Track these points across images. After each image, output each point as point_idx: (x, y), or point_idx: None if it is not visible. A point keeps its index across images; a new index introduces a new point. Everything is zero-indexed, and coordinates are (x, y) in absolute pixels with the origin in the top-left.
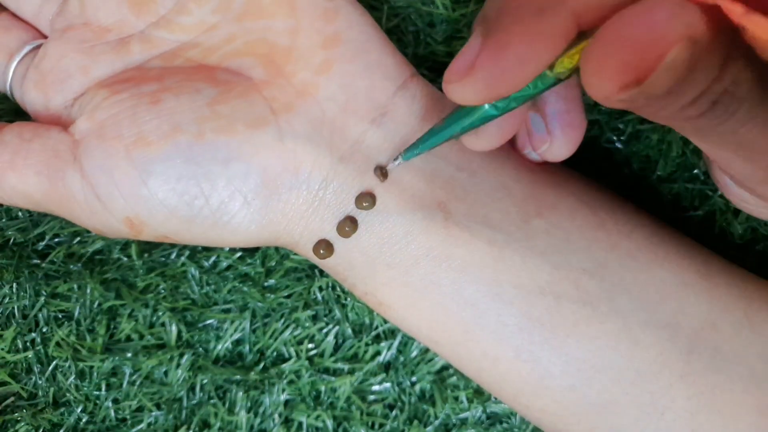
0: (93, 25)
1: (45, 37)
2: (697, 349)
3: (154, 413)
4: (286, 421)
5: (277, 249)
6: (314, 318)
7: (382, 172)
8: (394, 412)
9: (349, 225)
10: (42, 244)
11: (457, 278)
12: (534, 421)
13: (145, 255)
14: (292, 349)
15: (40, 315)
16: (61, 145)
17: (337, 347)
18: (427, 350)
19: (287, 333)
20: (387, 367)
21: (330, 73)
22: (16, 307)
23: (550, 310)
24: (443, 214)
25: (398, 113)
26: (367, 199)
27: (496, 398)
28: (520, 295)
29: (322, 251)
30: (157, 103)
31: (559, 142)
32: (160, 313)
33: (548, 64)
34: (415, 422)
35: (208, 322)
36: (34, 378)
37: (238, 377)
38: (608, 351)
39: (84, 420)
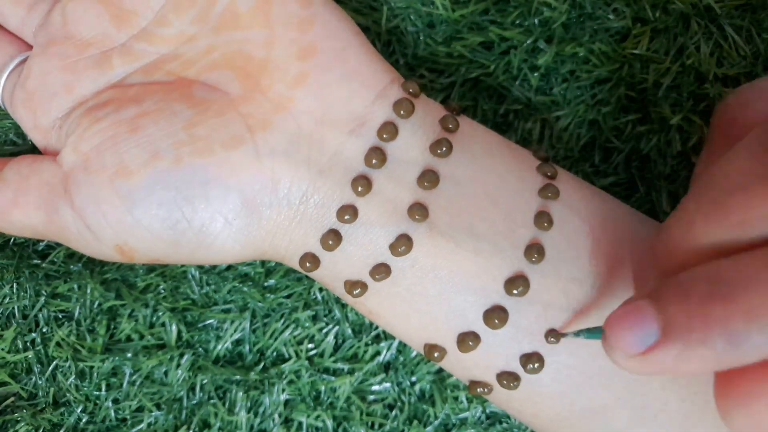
0: (75, 39)
1: (31, 47)
2: None
3: (154, 413)
4: (286, 421)
5: None
6: (314, 318)
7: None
8: (393, 412)
9: (332, 238)
10: (42, 244)
11: (444, 288)
12: (528, 424)
13: None
14: (291, 349)
15: (40, 315)
16: (53, 179)
17: (336, 347)
18: None
19: (287, 333)
20: (387, 367)
21: (306, 85)
22: (16, 307)
23: (539, 318)
24: (427, 225)
25: (377, 122)
26: (348, 212)
27: None
28: (508, 304)
29: (308, 264)
30: (136, 131)
31: None
32: (160, 313)
33: None
34: (415, 422)
35: (208, 322)
36: (34, 378)
37: (238, 377)
38: (599, 357)
39: (84, 420)
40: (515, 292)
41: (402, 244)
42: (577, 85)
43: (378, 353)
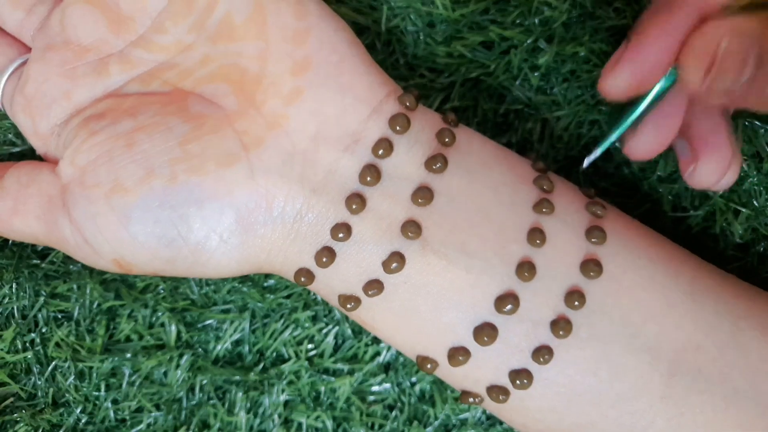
0: (73, 45)
1: (30, 49)
2: (679, 371)
3: (153, 414)
4: (286, 422)
5: None
6: (314, 318)
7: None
8: (393, 413)
9: (326, 255)
10: None
11: (435, 305)
12: None
13: None
14: (291, 350)
15: (39, 315)
16: (52, 190)
17: (336, 348)
18: None
19: (287, 333)
20: (387, 367)
21: (300, 101)
22: (15, 308)
23: (528, 336)
24: (420, 242)
25: (372, 139)
26: (342, 230)
27: None
28: (498, 321)
29: (302, 279)
30: (132, 147)
31: (704, 164)
32: (160, 314)
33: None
34: (415, 423)
35: (208, 322)
36: (33, 378)
37: (237, 378)
38: (587, 375)
39: (83, 421)
40: (505, 310)
41: (394, 261)
42: (577, 84)
43: (378, 354)
